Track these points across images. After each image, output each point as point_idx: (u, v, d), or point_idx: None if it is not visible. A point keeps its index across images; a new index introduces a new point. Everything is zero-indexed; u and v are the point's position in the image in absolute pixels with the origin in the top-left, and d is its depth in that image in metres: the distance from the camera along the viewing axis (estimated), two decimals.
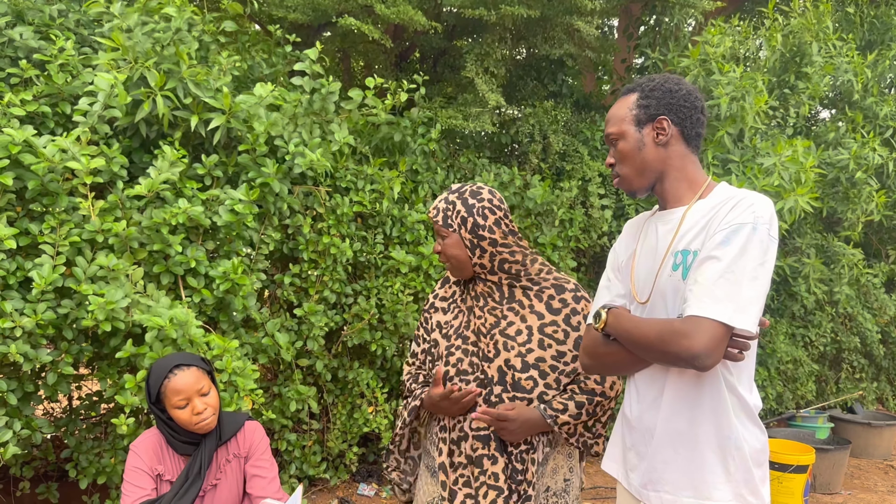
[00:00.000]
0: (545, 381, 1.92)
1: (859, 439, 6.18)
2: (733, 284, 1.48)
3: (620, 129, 1.72)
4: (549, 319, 1.96)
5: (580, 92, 6.32)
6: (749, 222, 1.52)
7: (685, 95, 1.69)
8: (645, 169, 1.71)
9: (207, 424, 2.14)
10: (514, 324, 1.96)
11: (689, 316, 1.49)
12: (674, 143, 1.69)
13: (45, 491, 3.47)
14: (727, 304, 1.47)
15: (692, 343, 1.46)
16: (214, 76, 3.33)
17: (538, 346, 1.94)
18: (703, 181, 1.71)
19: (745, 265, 1.49)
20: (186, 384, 2.10)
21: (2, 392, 2.77)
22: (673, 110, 1.68)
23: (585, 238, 5.29)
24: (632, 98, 1.72)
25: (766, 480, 1.62)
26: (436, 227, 1.97)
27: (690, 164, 1.72)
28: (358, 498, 4.41)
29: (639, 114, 1.70)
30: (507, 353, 1.94)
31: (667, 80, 1.71)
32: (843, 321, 6.70)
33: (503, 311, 1.98)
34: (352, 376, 4.32)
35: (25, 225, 2.83)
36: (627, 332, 1.63)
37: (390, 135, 4.39)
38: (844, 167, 5.30)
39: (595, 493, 4.88)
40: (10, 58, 3.32)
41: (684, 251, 1.62)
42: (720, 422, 1.58)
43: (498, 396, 1.94)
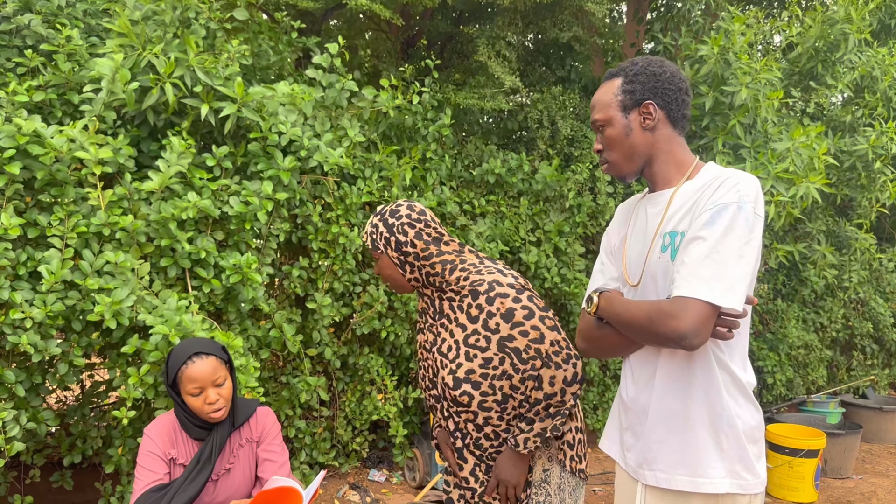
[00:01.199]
0: (480, 390, 1.90)
1: (871, 424, 6.16)
2: (719, 264, 1.48)
3: (607, 115, 1.71)
4: (470, 329, 1.92)
5: (589, 77, 6.27)
6: (734, 201, 1.52)
7: (669, 78, 1.68)
8: (633, 154, 1.71)
9: (219, 415, 2.15)
10: (446, 340, 1.98)
11: (676, 296, 1.51)
12: (661, 126, 1.70)
13: (59, 479, 3.50)
14: (714, 284, 1.47)
15: (679, 323, 1.48)
16: (223, 64, 3.32)
17: (465, 359, 1.92)
18: (690, 162, 1.72)
19: (730, 244, 1.50)
20: (203, 374, 2.11)
21: (10, 383, 2.79)
22: (658, 94, 1.68)
23: (593, 224, 5.27)
24: (616, 83, 1.72)
25: (761, 457, 1.63)
26: (370, 252, 2.02)
27: (678, 146, 1.72)
28: (369, 484, 4.43)
29: (624, 99, 1.69)
30: (442, 370, 1.96)
31: (650, 63, 1.71)
32: (856, 306, 6.66)
33: (437, 328, 2.03)
34: (362, 362, 4.33)
35: (34, 215, 2.84)
36: (618, 315, 1.65)
37: (399, 121, 4.37)
38: (862, 156, 5.26)
39: (604, 479, 4.89)
40: (17, 48, 3.32)
41: (672, 233, 1.62)
42: (712, 400, 1.59)
43: (447, 410, 2.03)
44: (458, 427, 2.01)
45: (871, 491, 4.95)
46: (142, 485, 2.10)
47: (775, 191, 4.44)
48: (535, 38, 6.04)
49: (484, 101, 4.84)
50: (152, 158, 3.37)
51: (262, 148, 3.48)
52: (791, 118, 5.45)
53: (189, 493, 2.08)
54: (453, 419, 2.01)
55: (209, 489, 2.21)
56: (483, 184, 4.98)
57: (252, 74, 4.17)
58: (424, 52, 5.60)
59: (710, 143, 4.83)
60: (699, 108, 4.81)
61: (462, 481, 2.06)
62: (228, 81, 3.32)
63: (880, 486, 5.08)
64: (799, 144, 4.51)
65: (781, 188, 4.42)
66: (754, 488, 1.59)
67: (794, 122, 5.35)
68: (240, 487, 2.28)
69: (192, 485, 2.10)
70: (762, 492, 1.63)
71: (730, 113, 4.75)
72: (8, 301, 2.69)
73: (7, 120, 2.85)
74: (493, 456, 2.01)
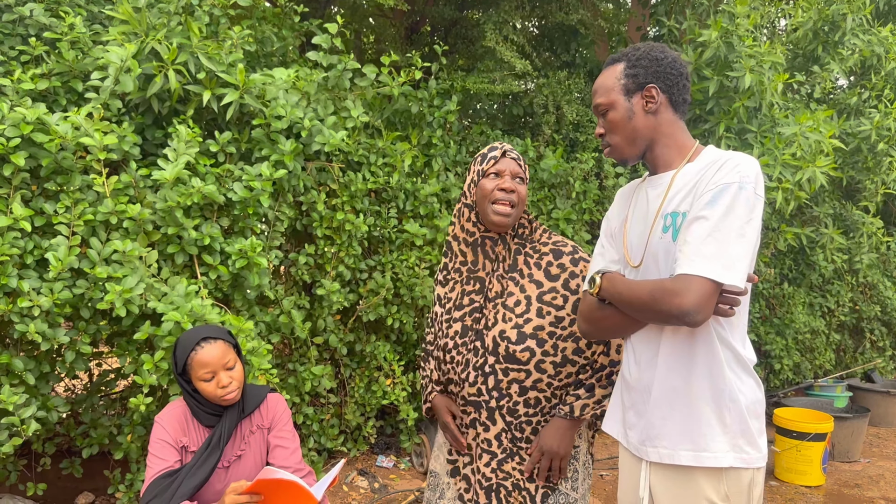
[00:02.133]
0: (542, 348, 1.93)
1: (878, 408, 6.16)
2: (721, 242, 1.51)
3: (609, 98, 1.74)
4: (547, 287, 1.96)
5: (594, 62, 6.24)
6: (735, 181, 1.54)
7: (671, 63, 1.71)
8: (636, 137, 1.73)
9: (233, 397, 2.15)
10: (514, 294, 1.97)
11: (679, 274, 1.53)
12: (663, 110, 1.73)
13: (68, 466, 3.52)
14: (715, 262, 1.50)
15: (683, 300, 1.49)
16: (226, 50, 3.31)
17: (536, 315, 1.94)
18: (691, 146, 1.74)
19: (732, 223, 1.52)
20: (213, 357, 2.11)
21: (20, 371, 2.80)
22: (661, 78, 1.70)
23: (599, 211, 5.25)
24: (619, 68, 1.74)
25: (762, 432, 1.65)
26: (514, 170, 1.98)
27: (679, 130, 1.74)
28: (377, 469, 4.45)
29: (627, 83, 1.72)
30: (504, 324, 1.95)
31: (652, 48, 1.74)
32: (863, 290, 6.65)
33: (506, 281, 2.01)
34: (369, 349, 4.34)
35: (40, 204, 2.84)
36: (621, 295, 1.66)
37: (405, 107, 4.35)
38: (866, 138, 5.23)
39: (611, 464, 4.90)
40: (20, 36, 3.31)
41: (673, 213, 1.65)
42: (714, 376, 1.61)
43: (491, 367, 1.96)
44: (497, 386, 1.96)
45: (878, 474, 4.95)
46: (153, 472, 2.11)
47: (783, 177, 4.42)
48: (540, 23, 6.01)
49: (494, 86, 4.83)
50: (157, 146, 3.36)
51: (266, 134, 3.47)
52: (797, 101, 5.41)
53: (198, 478, 2.08)
54: (495, 377, 1.95)
55: (221, 476, 2.22)
56: None
57: (256, 61, 4.15)
58: (429, 38, 5.57)
59: (713, 128, 4.80)
60: (703, 93, 4.78)
61: (483, 443, 1.99)
62: (231, 68, 3.30)
63: (888, 468, 5.08)
64: (806, 129, 4.48)
65: (787, 174, 4.40)
66: (756, 462, 1.62)
67: (801, 105, 5.32)
68: (251, 474, 2.28)
69: (200, 470, 2.10)
70: (763, 466, 1.65)
71: (735, 96, 4.72)
72: (15, 290, 2.69)
73: (12, 109, 2.84)
74: (522, 427, 1.98)
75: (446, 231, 4.30)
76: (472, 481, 2.06)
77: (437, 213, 4.47)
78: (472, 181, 2.02)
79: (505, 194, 1.94)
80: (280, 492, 1.92)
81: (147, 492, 2.06)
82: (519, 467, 1.99)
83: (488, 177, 1.97)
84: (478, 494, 2.01)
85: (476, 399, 1.99)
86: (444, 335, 2.07)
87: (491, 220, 1.96)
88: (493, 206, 1.94)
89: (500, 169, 1.97)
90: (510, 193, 1.95)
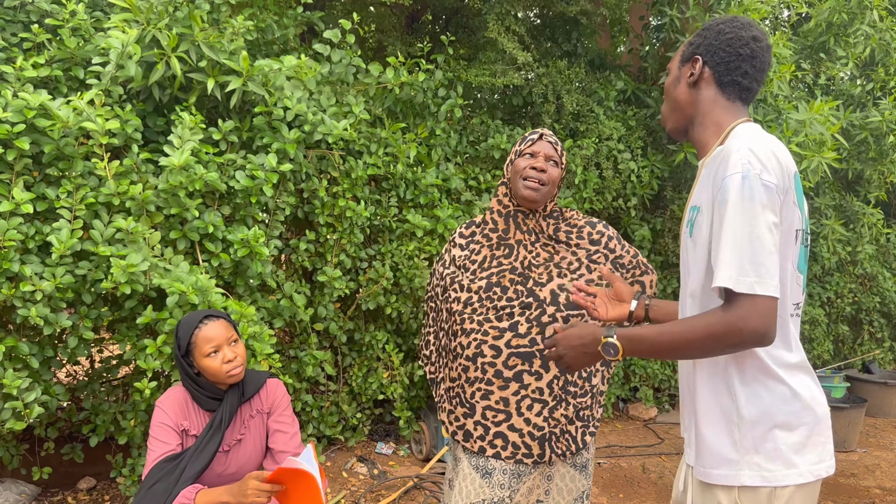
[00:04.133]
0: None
1: (875, 398, 6.19)
2: (742, 249, 1.39)
3: (671, 64, 1.73)
4: (592, 250, 2.21)
5: (595, 51, 6.22)
6: (738, 172, 1.42)
7: (731, 40, 1.58)
8: (675, 107, 1.68)
9: (237, 373, 2.17)
10: (567, 258, 2.19)
11: (738, 296, 1.39)
12: (704, 85, 1.63)
13: (69, 451, 3.55)
14: (750, 272, 1.37)
15: (755, 324, 1.36)
16: (228, 38, 3.31)
17: (587, 272, 2.18)
18: (727, 124, 1.60)
19: (746, 224, 1.40)
20: (217, 333, 2.15)
21: (24, 355, 2.82)
22: (711, 52, 1.61)
23: (599, 200, 5.26)
24: (692, 37, 1.70)
25: (804, 445, 1.50)
26: (549, 153, 2.14)
27: (719, 108, 1.62)
28: (376, 457, 4.48)
29: (685, 51, 1.68)
30: (560, 279, 2.14)
31: (726, 21, 1.62)
32: (863, 281, 6.66)
33: (555, 247, 2.20)
34: (367, 338, 4.36)
35: (42, 189, 2.85)
36: (655, 348, 1.50)
37: (409, 96, 4.36)
38: (875, 129, 5.23)
39: (610, 452, 4.93)
40: (22, 23, 3.32)
41: (693, 207, 1.57)
42: (719, 392, 1.53)
43: (551, 316, 2.09)
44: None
45: (874, 464, 4.98)
46: (155, 455, 2.13)
47: None
48: (541, 13, 5.99)
49: (495, 78, 4.82)
50: (158, 133, 3.37)
51: (268, 122, 3.48)
52: (800, 91, 5.41)
53: (201, 462, 2.11)
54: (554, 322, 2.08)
55: (221, 460, 2.24)
56: (488, 159, 4.97)
57: (257, 49, 4.15)
58: (430, 27, 5.56)
59: None
60: None
61: (535, 392, 2.08)
62: (233, 55, 3.31)
63: (884, 458, 5.11)
64: (815, 119, 4.48)
65: None
66: (782, 479, 1.48)
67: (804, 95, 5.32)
68: (251, 458, 2.30)
69: (203, 453, 2.12)
70: (800, 483, 1.49)
71: None
72: (18, 274, 2.71)
73: (14, 95, 2.85)
74: (571, 374, 2.13)
75: (446, 222, 4.31)
76: (509, 439, 2.11)
77: (438, 202, 4.48)
78: (510, 160, 2.20)
79: (536, 172, 2.12)
80: (297, 481, 1.93)
81: (149, 475, 2.07)
82: (565, 412, 2.12)
83: (524, 156, 2.15)
84: (530, 447, 2.10)
85: (528, 350, 2.09)
86: (464, 290, 2.18)
87: (521, 195, 2.13)
88: (523, 181, 2.12)
89: (535, 150, 2.14)
90: (541, 172, 2.12)
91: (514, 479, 2.11)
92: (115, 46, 2.97)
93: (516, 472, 2.12)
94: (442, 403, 2.30)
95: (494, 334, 2.10)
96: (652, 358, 1.58)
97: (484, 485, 2.12)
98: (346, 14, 5.95)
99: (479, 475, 2.13)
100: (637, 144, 5.33)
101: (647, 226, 5.58)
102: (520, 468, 2.12)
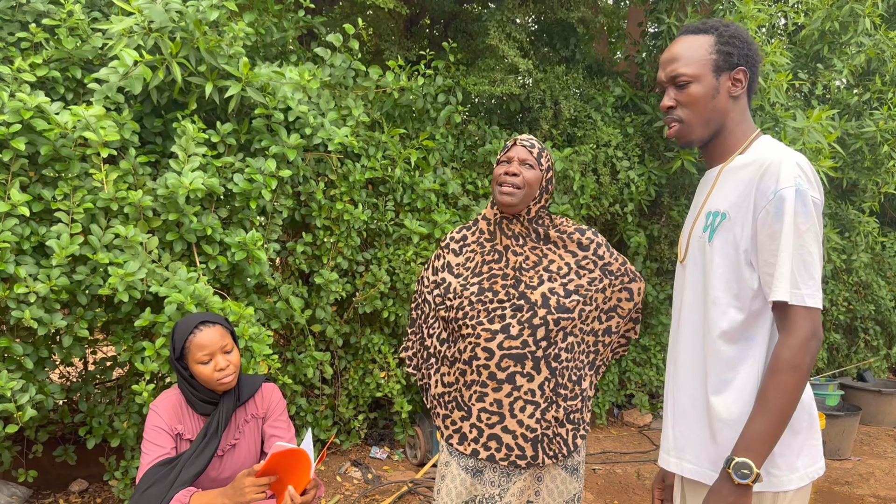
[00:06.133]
0: (583, 299, 2.18)
1: (869, 407, 6.20)
2: (799, 262, 1.45)
3: (697, 71, 1.59)
4: (581, 255, 2.24)
5: (592, 57, 6.23)
6: (791, 185, 1.45)
7: (757, 49, 1.61)
8: (711, 118, 1.61)
9: (229, 381, 2.16)
10: (555, 261, 2.22)
11: (793, 308, 1.45)
12: (742, 96, 1.62)
13: (62, 453, 3.53)
14: (807, 286, 1.45)
15: (814, 341, 1.44)
16: (227, 42, 3.30)
17: (576, 276, 2.21)
18: (750, 134, 1.63)
19: (803, 237, 1.45)
20: (211, 340, 2.14)
21: (18, 356, 2.81)
22: (750, 62, 1.60)
23: (596, 206, 5.26)
24: (708, 40, 1.60)
25: (801, 448, 1.54)
26: (522, 157, 2.15)
27: (747, 118, 1.64)
28: (370, 461, 4.46)
29: (718, 59, 1.58)
30: (550, 283, 2.16)
31: (738, 28, 1.62)
32: (857, 289, 6.68)
33: (543, 251, 2.23)
34: (364, 342, 4.35)
35: (38, 190, 2.84)
36: (772, 429, 1.45)
37: (409, 102, 4.37)
38: (870, 138, 5.25)
39: (605, 458, 4.92)
40: (20, 22, 3.30)
41: (714, 212, 1.58)
42: (698, 394, 1.60)
43: (542, 318, 2.11)
44: (546, 336, 2.11)
45: (868, 472, 4.99)
46: (149, 459, 2.11)
47: None
48: (539, 18, 6.00)
49: (494, 87, 4.83)
50: (155, 135, 3.36)
51: (266, 125, 3.47)
52: (797, 100, 5.42)
53: (196, 467, 2.09)
54: (546, 327, 2.10)
55: (215, 464, 2.23)
56: (485, 164, 4.97)
57: (255, 52, 4.14)
58: (427, 31, 5.56)
59: None
60: None
61: (527, 394, 2.11)
62: (232, 59, 3.30)
63: (878, 467, 5.12)
64: (813, 127, 4.50)
65: None
66: (787, 484, 1.50)
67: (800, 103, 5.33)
68: (245, 463, 2.29)
69: (199, 458, 2.11)
70: (799, 487, 1.51)
71: None
72: (12, 275, 2.69)
73: (11, 95, 2.84)
74: (563, 373, 2.15)
75: (443, 226, 4.31)
76: (503, 441, 2.13)
77: (435, 206, 4.48)
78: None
79: (509, 177, 2.13)
80: (288, 465, 1.93)
81: (144, 479, 2.06)
82: (556, 414, 2.14)
83: (500, 164, 2.19)
84: (523, 448, 2.11)
85: (520, 351, 2.11)
86: (456, 296, 2.21)
87: (498, 201, 2.16)
88: (499, 187, 2.15)
89: (510, 156, 2.17)
90: (514, 177, 2.13)
91: (503, 477, 2.14)
92: (127, 64, 2.95)
93: (506, 471, 2.14)
94: (435, 409, 2.30)
95: (486, 336, 2.12)
96: (782, 423, 1.45)
97: (475, 482, 2.15)
98: (345, 18, 5.95)
99: (470, 475, 2.15)
100: (634, 151, 5.34)
101: (644, 232, 5.58)
102: (510, 468, 2.14)
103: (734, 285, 1.53)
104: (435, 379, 2.30)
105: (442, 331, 2.27)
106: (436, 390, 2.30)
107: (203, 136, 3.10)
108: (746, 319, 1.53)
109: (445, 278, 2.28)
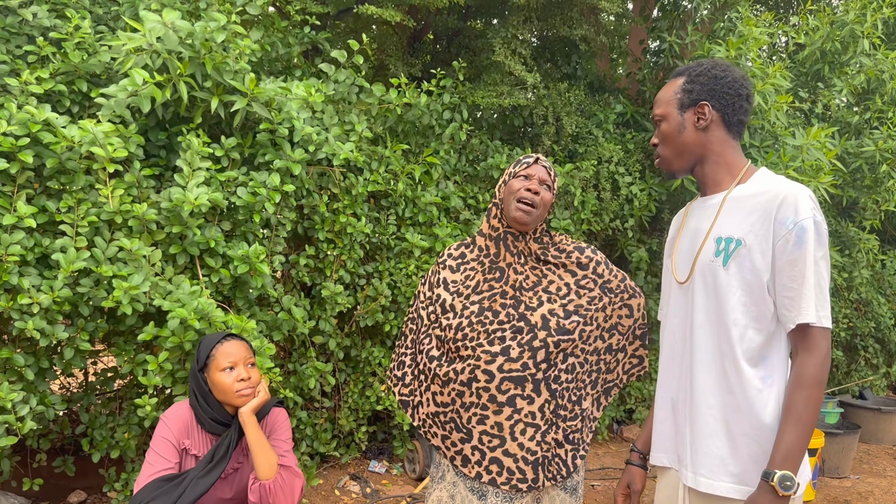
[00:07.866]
0: (584, 319, 2.17)
1: (869, 425, 6.18)
2: (819, 287, 1.58)
3: (664, 110, 1.80)
4: (580, 275, 2.23)
5: (594, 74, 6.27)
6: (809, 217, 1.57)
7: (730, 83, 1.74)
8: (684, 151, 1.78)
9: (248, 394, 2.19)
10: (554, 282, 2.21)
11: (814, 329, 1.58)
12: (714, 128, 1.75)
13: (61, 464, 3.53)
14: (822, 308, 1.58)
15: (827, 359, 1.58)
16: (233, 58, 3.33)
17: (576, 296, 2.20)
18: (742, 166, 1.76)
19: (819, 264, 1.59)
20: (237, 350, 2.22)
21: (19, 367, 2.82)
22: (716, 96, 1.73)
23: (597, 221, 5.28)
24: (679, 82, 1.80)
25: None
26: (543, 177, 2.16)
27: (730, 149, 1.77)
28: (369, 475, 4.46)
29: (682, 97, 1.77)
30: (550, 304, 2.16)
31: (715, 65, 1.77)
32: (857, 307, 6.69)
33: (542, 271, 2.23)
34: (364, 355, 4.35)
35: (43, 202, 2.86)
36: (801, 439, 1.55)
37: (415, 117, 4.40)
38: (869, 157, 5.28)
39: (604, 474, 4.92)
40: (27, 35, 3.34)
41: (728, 238, 1.67)
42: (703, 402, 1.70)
43: (542, 341, 2.10)
44: (546, 358, 2.11)
45: (868, 490, 4.97)
46: (151, 470, 2.11)
47: None
48: (541, 35, 6.05)
49: (501, 99, 4.88)
50: (159, 147, 3.39)
51: (271, 139, 3.49)
52: (797, 119, 5.46)
53: (200, 488, 2.08)
54: (546, 349, 2.10)
55: (218, 485, 2.23)
56: (487, 179, 5.00)
57: (260, 66, 4.18)
58: (431, 47, 5.61)
59: None
60: None
61: (527, 416, 2.10)
62: (238, 75, 3.33)
63: (877, 485, 5.10)
64: (812, 145, 4.53)
65: None
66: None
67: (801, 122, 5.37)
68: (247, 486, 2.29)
69: (206, 477, 2.10)
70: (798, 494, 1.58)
71: None
72: (16, 286, 2.71)
73: (19, 108, 2.87)
74: (563, 394, 2.14)
75: (444, 240, 4.33)
76: (504, 465, 2.12)
77: (436, 220, 4.50)
78: (503, 181, 2.22)
79: (530, 194, 2.12)
80: None
81: (142, 492, 2.04)
82: (556, 436, 2.13)
83: (518, 178, 2.17)
84: (524, 471, 2.10)
85: (520, 373, 2.10)
86: (456, 316, 2.19)
87: (512, 216, 2.14)
88: (517, 203, 2.13)
89: (531, 173, 2.16)
90: (534, 195, 2.13)
91: (506, 501, 2.13)
92: (137, 83, 2.99)
93: (508, 495, 2.13)
94: (430, 428, 2.29)
95: (487, 359, 2.11)
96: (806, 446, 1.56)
97: None
98: (350, 33, 6.00)
99: (476, 496, 2.15)
100: (635, 167, 5.37)
101: (644, 247, 5.60)
102: (511, 492, 2.13)
103: (753, 308, 1.63)
104: (426, 397, 2.28)
105: (433, 348, 2.24)
106: (428, 409, 2.27)
107: (207, 150, 3.13)
108: (765, 340, 1.62)
109: (441, 294, 2.26)
